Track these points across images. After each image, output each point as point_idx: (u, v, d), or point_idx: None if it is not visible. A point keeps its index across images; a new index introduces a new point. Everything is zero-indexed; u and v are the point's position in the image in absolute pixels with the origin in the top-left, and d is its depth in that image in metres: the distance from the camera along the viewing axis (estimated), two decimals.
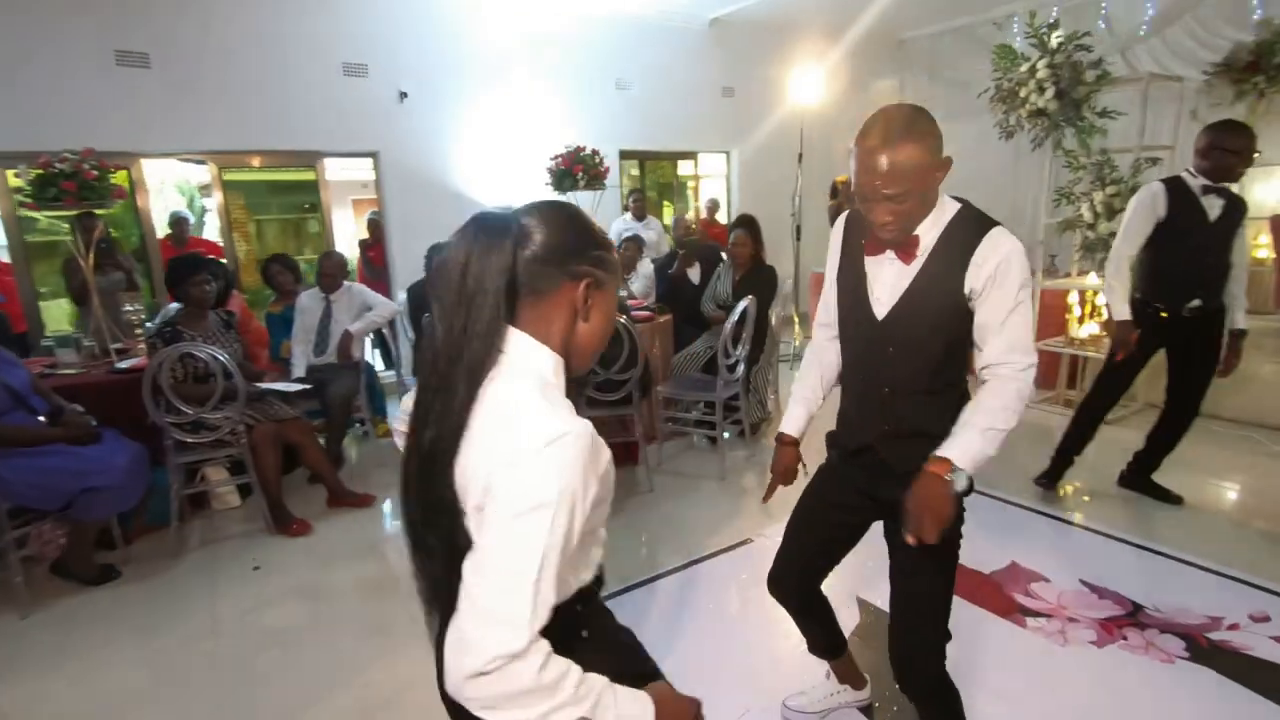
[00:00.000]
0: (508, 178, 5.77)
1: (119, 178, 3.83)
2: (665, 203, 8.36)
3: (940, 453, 1.33)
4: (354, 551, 3.12)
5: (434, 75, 5.50)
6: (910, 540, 1.33)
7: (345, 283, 4.03)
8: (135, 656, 2.46)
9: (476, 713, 0.84)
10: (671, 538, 3.16)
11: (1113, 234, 3.87)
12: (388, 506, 3.55)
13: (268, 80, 4.93)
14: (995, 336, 1.37)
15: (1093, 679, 2.12)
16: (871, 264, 1.48)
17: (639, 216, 5.74)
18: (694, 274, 4.67)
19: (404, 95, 5.37)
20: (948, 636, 1.52)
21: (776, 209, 6.34)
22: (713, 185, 7.82)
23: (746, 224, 4.19)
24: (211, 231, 6.04)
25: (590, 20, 6.09)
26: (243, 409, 3.10)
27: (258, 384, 3.32)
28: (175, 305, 3.48)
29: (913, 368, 1.45)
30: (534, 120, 5.90)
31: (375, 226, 5.88)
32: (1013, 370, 1.36)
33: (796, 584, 1.74)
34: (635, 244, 5.10)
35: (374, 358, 5.38)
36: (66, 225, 3.80)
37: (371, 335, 4.47)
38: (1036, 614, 2.42)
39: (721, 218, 7.54)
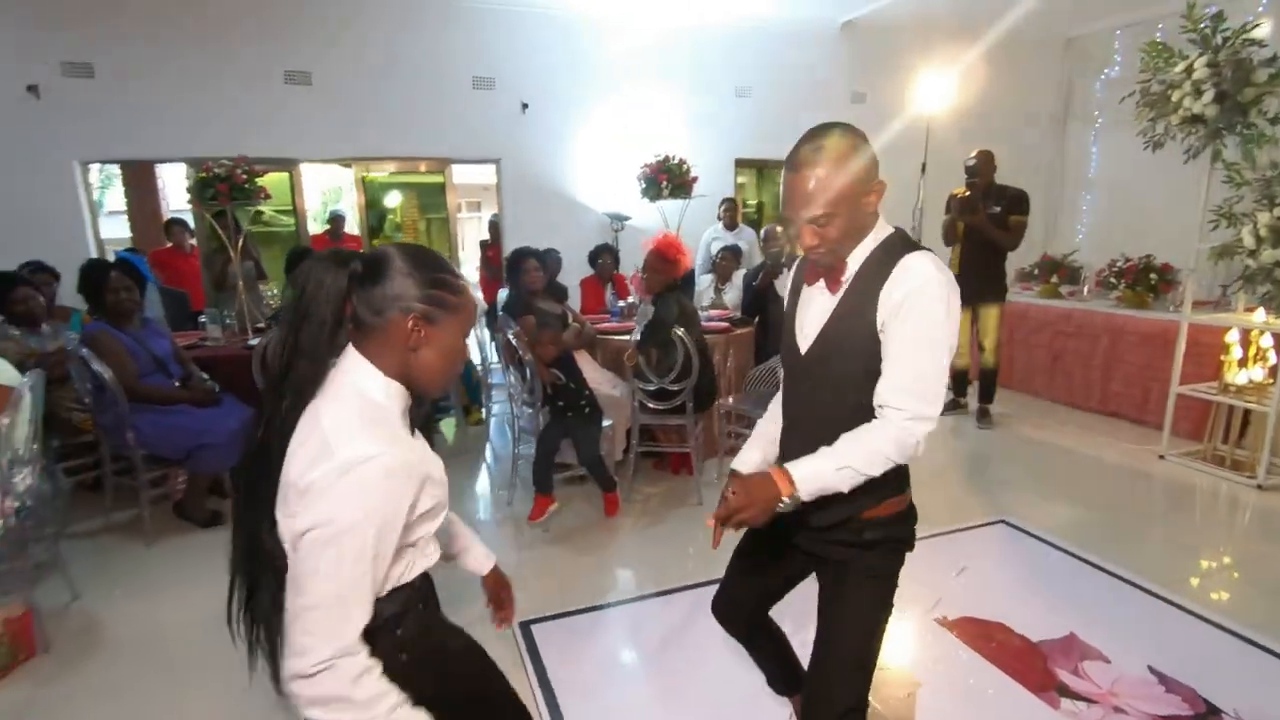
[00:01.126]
0: (618, 184, 5.95)
1: (269, 180, 4.45)
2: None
3: (790, 468, 1.25)
4: None
5: (555, 86, 5.80)
6: (708, 520, 1.31)
7: None
8: (221, 590, 2.86)
9: (302, 710, 0.96)
10: (713, 553, 3.12)
11: (1278, 263, 3.26)
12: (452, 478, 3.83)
13: (407, 94, 5.48)
14: (887, 373, 1.24)
15: None
16: (806, 294, 1.40)
17: (730, 226, 5.62)
18: (781, 286, 4.53)
19: (525, 106, 5.71)
20: (864, 707, 1.36)
21: (901, 222, 5.97)
22: None
23: None
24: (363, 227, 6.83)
25: (712, 28, 6.10)
26: None
27: None
28: None
29: (828, 405, 1.34)
30: (649, 128, 6.02)
31: (495, 228, 6.31)
32: (897, 416, 1.22)
33: (739, 617, 1.67)
34: (733, 255, 5.03)
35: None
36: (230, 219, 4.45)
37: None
38: (1076, 696, 2.11)
39: None
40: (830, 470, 1.23)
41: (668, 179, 4.61)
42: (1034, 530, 3.19)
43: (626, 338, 3.91)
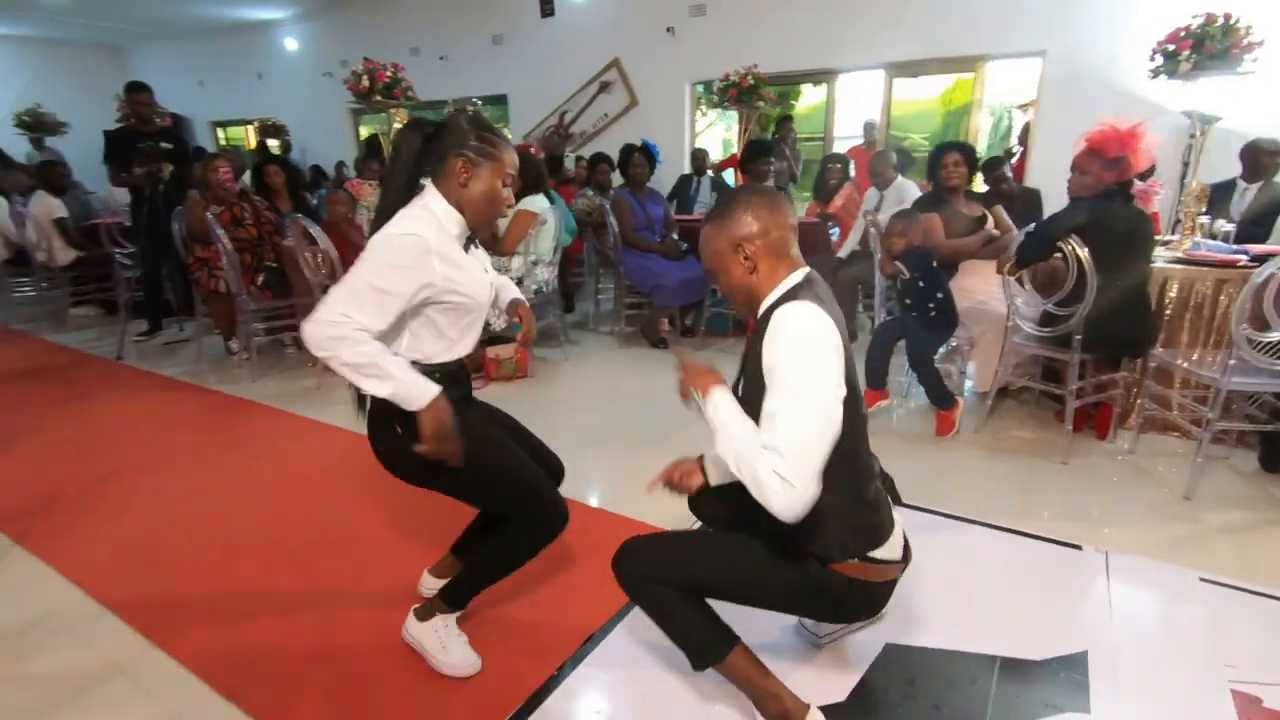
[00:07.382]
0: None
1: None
2: None
3: (719, 391, 1.32)
4: None
5: None
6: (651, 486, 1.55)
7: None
8: (633, 377, 4.00)
9: (314, 351, 1.37)
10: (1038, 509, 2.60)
11: None
12: None
13: None
14: (764, 427, 1.22)
15: None
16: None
17: None
18: None
19: None
20: (654, 585, 1.37)
21: None
22: None
23: None
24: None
25: None
26: None
27: None
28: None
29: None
30: None
31: (1024, 134, 5.53)
32: (768, 465, 1.17)
33: None
34: None
35: None
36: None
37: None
38: None
39: None
40: (719, 422, 1.28)
41: (1192, 46, 3.19)
42: None
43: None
